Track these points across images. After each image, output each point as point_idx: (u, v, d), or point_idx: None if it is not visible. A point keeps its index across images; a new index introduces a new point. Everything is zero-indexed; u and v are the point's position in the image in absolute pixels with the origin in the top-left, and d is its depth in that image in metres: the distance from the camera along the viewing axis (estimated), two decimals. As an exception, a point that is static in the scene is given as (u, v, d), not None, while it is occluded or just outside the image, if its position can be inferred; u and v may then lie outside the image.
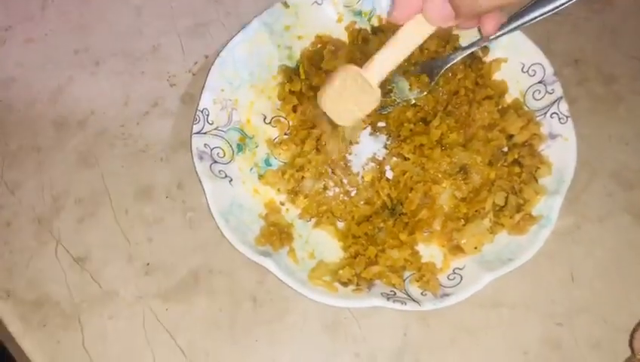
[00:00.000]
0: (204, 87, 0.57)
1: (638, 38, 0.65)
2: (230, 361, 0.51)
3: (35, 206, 0.58)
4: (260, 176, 0.57)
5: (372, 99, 0.47)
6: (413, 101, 0.57)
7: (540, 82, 0.57)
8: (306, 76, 0.60)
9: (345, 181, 0.55)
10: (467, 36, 0.60)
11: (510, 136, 0.57)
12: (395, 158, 0.55)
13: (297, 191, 0.56)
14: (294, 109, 0.60)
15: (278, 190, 0.57)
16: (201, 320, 0.52)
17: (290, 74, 0.61)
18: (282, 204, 0.56)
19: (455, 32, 0.61)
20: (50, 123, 0.62)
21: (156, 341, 0.52)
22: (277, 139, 0.59)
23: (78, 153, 0.60)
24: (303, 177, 0.56)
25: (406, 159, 0.55)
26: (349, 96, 0.46)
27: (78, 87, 0.63)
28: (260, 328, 0.52)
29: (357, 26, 0.63)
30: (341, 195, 0.55)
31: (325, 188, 0.56)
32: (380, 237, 0.53)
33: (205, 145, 0.55)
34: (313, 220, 0.56)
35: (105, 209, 0.57)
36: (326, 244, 0.54)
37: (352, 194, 0.55)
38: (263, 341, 0.52)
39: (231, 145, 0.57)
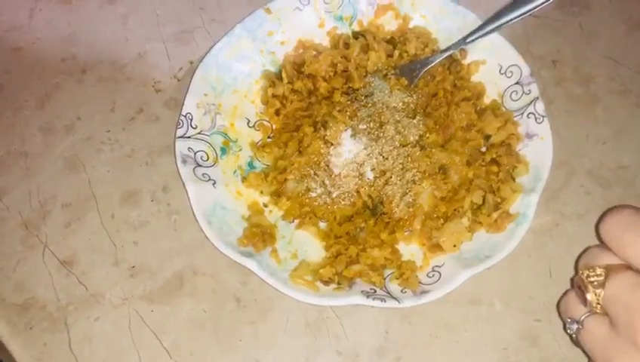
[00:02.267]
0: (187, 91, 0.58)
1: (613, 40, 0.66)
2: (214, 361, 0.51)
3: (22, 211, 0.58)
4: (244, 179, 0.58)
5: None
6: (393, 103, 0.58)
7: (517, 83, 0.59)
8: (289, 80, 0.61)
9: (327, 182, 0.56)
10: (446, 39, 0.62)
11: (488, 137, 0.58)
12: (375, 159, 0.56)
13: (280, 193, 0.57)
14: (277, 113, 0.61)
15: (261, 192, 0.57)
16: (185, 321, 0.53)
17: (273, 78, 0.62)
18: (265, 205, 0.57)
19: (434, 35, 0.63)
20: (38, 129, 0.63)
21: (142, 342, 0.52)
22: (260, 143, 0.60)
23: (64, 158, 0.61)
24: (285, 179, 0.57)
25: (386, 160, 0.56)
26: None
27: (65, 93, 0.65)
28: (243, 328, 0.53)
29: (338, 31, 0.64)
30: (323, 196, 0.56)
31: (308, 189, 0.57)
32: (361, 237, 0.54)
33: (189, 148, 0.56)
34: (296, 221, 0.56)
35: (91, 213, 0.58)
36: (308, 244, 0.55)
37: (334, 195, 0.56)
38: (247, 340, 0.52)
39: (214, 149, 0.58)
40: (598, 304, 0.40)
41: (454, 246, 0.53)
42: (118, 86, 0.65)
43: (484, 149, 0.58)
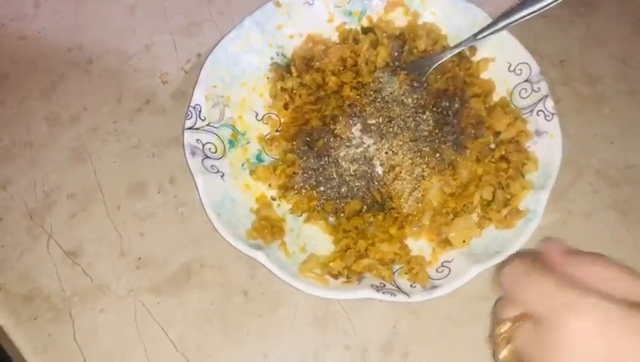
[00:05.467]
0: (196, 83, 0.58)
1: (621, 41, 0.67)
2: (221, 354, 0.51)
3: (27, 201, 0.58)
4: (252, 172, 0.57)
5: None
6: (403, 99, 0.58)
7: (526, 81, 0.59)
8: (298, 74, 0.61)
9: (335, 176, 0.56)
10: (455, 36, 0.62)
11: (497, 133, 0.58)
12: (384, 154, 0.56)
13: (288, 186, 0.57)
14: (286, 106, 0.60)
15: (270, 185, 0.57)
16: (192, 314, 0.53)
17: (282, 72, 0.61)
18: (273, 199, 0.57)
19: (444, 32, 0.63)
20: (43, 119, 0.62)
21: (148, 334, 0.52)
22: (268, 136, 0.60)
23: (70, 149, 0.60)
24: (294, 173, 0.57)
25: (395, 155, 0.56)
26: None
27: (71, 83, 0.64)
28: (251, 321, 0.52)
29: (347, 27, 0.64)
30: (331, 190, 0.56)
31: (316, 183, 0.56)
32: (369, 232, 0.54)
33: (197, 140, 0.56)
34: (304, 215, 0.56)
35: (97, 204, 0.58)
36: (317, 238, 0.55)
37: (343, 189, 0.56)
38: (255, 334, 0.52)
39: (223, 141, 0.57)
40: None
41: (464, 241, 0.53)
42: (125, 77, 0.64)
43: (493, 146, 0.58)
